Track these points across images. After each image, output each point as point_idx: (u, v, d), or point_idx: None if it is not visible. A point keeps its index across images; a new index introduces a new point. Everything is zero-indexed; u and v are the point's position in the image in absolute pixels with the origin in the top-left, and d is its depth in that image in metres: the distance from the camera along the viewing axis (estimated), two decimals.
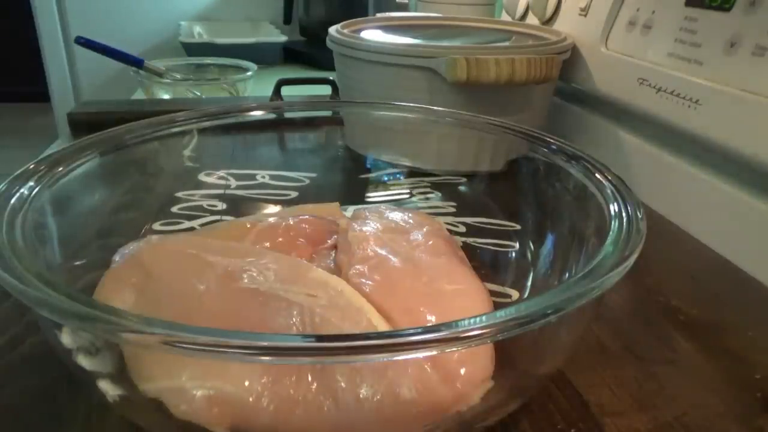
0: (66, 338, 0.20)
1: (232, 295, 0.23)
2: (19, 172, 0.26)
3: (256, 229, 0.31)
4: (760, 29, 0.38)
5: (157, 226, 0.36)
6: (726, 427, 0.26)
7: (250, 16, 1.44)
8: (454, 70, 0.44)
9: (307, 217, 0.33)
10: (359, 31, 0.57)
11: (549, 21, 0.64)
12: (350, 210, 0.38)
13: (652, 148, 0.49)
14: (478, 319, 0.17)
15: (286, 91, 0.62)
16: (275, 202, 0.40)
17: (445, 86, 0.46)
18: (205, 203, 0.39)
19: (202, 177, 0.40)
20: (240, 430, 0.21)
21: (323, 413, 0.20)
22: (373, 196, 0.42)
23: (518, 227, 0.36)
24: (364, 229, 0.30)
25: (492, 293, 0.28)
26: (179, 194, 0.38)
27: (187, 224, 0.37)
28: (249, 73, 0.86)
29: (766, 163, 0.37)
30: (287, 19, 1.35)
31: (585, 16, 0.56)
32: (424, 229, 0.31)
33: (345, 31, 0.54)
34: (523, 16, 0.70)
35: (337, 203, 0.37)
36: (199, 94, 0.83)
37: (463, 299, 0.26)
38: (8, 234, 0.21)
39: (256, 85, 0.88)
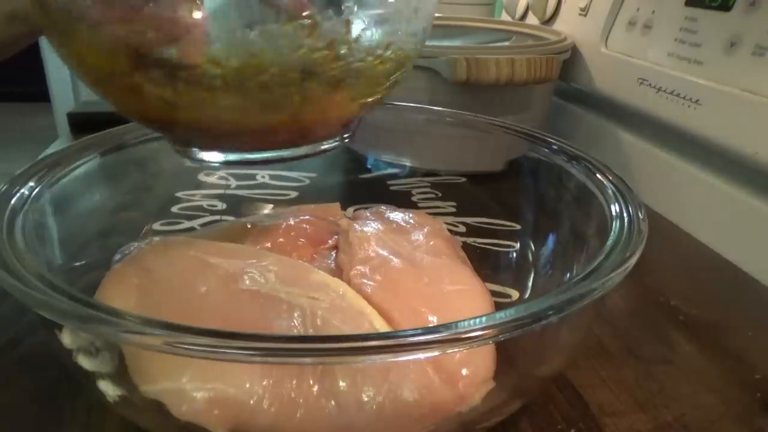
0: (66, 338, 0.20)
1: (233, 297, 0.23)
2: (19, 172, 0.26)
3: (256, 229, 0.31)
4: (760, 29, 0.38)
5: (157, 226, 0.36)
6: (726, 427, 0.26)
7: None
8: (454, 70, 0.44)
9: (307, 217, 0.33)
10: None
11: (549, 21, 0.64)
12: (350, 210, 0.38)
13: (652, 148, 0.49)
14: (479, 319, 0.17)
15: None
16: (275, 202, 0.40)
17: (445, 86, 0.46)
18: (205, 203, 0.39)
19: (202, 177, 0.40)
20: None
21: (324, 415, 0.20)
22: (374, 196, 0.42)
23: (518, 227, 0.36)
24: (365, 229, 0.30)
25: (493, 293, 0.28)
26: (179, 194, 0.38)
27: (187, 224, 0.37)
28: None
29: (766, 163, 0.37)
30: None
31: (585, 16, 0.56)
32: (425, 230, 0.31)
33: None
34: (523, 16, 0.70)
35: (338, 203, 0.37)
36: None
37: (465, 300, 0.26)
38: (8, 234, 0.21)
39: None
